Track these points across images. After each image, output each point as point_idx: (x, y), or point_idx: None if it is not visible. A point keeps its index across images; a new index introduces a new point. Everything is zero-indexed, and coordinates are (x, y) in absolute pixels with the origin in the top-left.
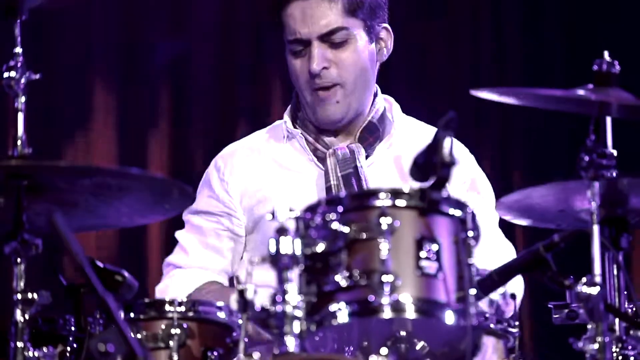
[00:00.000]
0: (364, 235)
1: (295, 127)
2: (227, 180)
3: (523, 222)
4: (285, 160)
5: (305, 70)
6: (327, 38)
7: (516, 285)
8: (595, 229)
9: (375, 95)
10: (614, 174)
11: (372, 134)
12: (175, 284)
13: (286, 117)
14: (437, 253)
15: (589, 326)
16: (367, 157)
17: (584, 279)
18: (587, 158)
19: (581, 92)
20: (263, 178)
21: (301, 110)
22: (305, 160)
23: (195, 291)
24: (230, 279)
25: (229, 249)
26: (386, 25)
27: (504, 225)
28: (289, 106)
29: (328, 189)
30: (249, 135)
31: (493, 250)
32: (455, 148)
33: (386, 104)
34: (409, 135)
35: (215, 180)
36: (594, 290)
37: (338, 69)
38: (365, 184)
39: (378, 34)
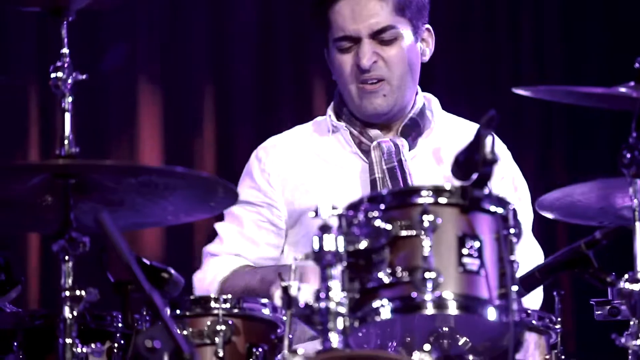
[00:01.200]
0: (407, 233)
1: (340, 121)
2: (268, 171)
3: (565, 219)
4: (328, 153)
5: (353, 65)
6: (376, 36)
7: (534, 299)
8: (637, 225)
9: (416, 93)
10: None
11: (413, 129)
12: (210, 271)
13: (330, 111)
14: (479, 250)
15: (632, 322)
16: (410, 150)
17: (626, 276)
18: (629, 155)
19: (623, 89)
20: (305, 170)
21: (345, 106)
22: (349, 153)
23: (232, 273)
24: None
25: (267, 242)
26: (428, 26)
27: (546, 222)
28: (332, 103)
29: (373, 181)
30: (292, 129)
31: (522, 252)
32: (495, 145)
33: (425, 101)
34: (448, 129)
35: (257, 171)
36: (637, 287)
37: (386, 65)
38: (409, 177)
39: (422, 35)
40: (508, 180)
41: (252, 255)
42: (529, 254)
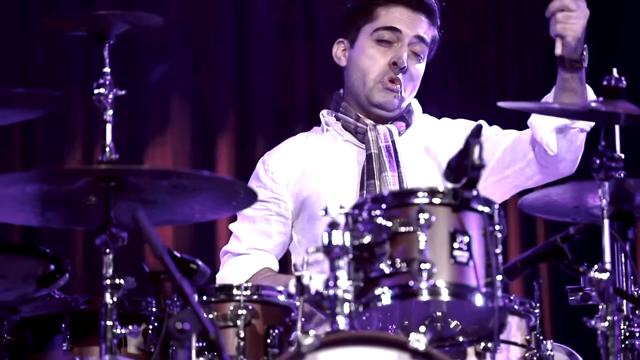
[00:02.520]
0: (405, 229)
1: (332, 117)
2: (271, 170)
3: (543, 216)
4: (324, 146)
5: (387, 58)
6: (415, 43)
7: None
8: (606, 222)
9: None
10: (622, 175)
11: (403, 122)
12: (233, 272)
13: (324, 112)
14: (468, 244)
15: (600, 307)
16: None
17: (595, 266)
18: (598, 161)
19: (593, 104)
20: (304, 163)
21: (343, 100)
22: (342, 142)
23: (253, 276)
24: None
25: (278, 231)
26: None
27: (527, 219)
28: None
29: (369, 156)
30: (290, 138)
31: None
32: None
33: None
34: (426, 126)
35: (262, 172)
36: (605, 276)
37: (410, 77)
38: (400, 157)
39: (431, 54)
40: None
41: (267, 247)
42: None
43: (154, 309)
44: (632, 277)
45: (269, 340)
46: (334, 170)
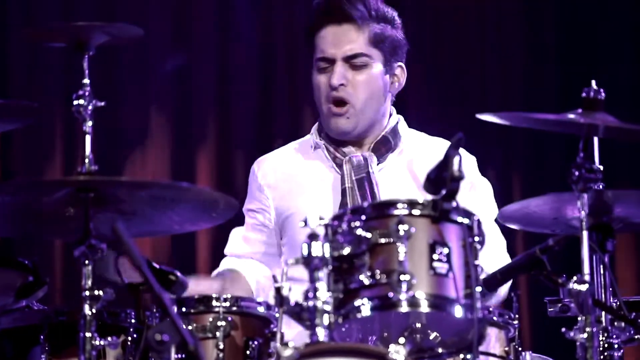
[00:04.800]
0: (384, 240)
1: (320, 139)
2: (259, 182)
3: (523, 228)
4: (310, 168)
5: (327, 84)
6: (349, 60)
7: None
8: (585, 234)
9: (390, 115)
10: (601, 187)
11: (384, 146)
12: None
13: (314, 130)
14: (448, 255)
15: (579, 318)
16: (378, 164)
17: (574, 278)
18: (577, 173)
19: (572, 115)
20: (290, 183)
21: (323, 130)
22: (326, 167)
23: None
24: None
25: (260, 240)
26: (401, 64)
27: (506, 231)
28: (316, 123)
29: (343, 191)
30: (283, 147)
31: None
32: (462, 161)
33: (399, 120)
34: (415, 146)
35: (252, 182)
36: (584, 287)
37: (353, 89)
38: (376, 187)
39: (393, 70)
40: (469, 185)
41: (245, 252)
42: (493, 247)
43: (133, 321)
44: (610, 289)
45: (248, 352)
46: (315, 197)
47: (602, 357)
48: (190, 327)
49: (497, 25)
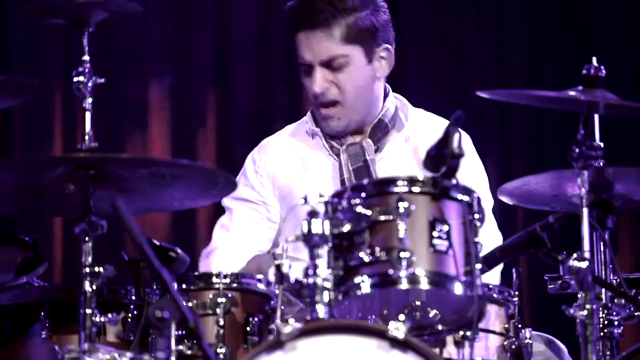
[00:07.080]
0: (384, 217)
1: (316, 127)
2: (260, 173)
3: (523, 205)
4: (309, 155)
5: (312, 88)
6: (327, 63)
7: (494, 275)
8: (585, 211)
9: (386, 95)
10: (601, 164)
11: (381, 130)
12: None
13: (309, 116)
14: (448, 233)
15: (579, 295)
16: (377, 150)
17: (574, 255)
18: (577, 150)
19: (572, 92)
20: (290, 171)
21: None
22: (325, 155)
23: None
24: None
25: (256, 233)
26: (387, 45)
27: (506, 208)
28: (311, 108)
29: (342, 181)
30: (281, 130)
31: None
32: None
33: (398, 102)
34: (422, 127)
35: (251, 172)
36: (584, 264)
37: (338, 89)
38: (375, 175)
39: (378, 55)
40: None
41: (237, 244)
42: (488, 237)
43: (133, 297)
44: (610, 266)
45: (248, 328)
46: (315, 186)
47: (602, 334)
48: (190, 304)
49: (497, 2)
